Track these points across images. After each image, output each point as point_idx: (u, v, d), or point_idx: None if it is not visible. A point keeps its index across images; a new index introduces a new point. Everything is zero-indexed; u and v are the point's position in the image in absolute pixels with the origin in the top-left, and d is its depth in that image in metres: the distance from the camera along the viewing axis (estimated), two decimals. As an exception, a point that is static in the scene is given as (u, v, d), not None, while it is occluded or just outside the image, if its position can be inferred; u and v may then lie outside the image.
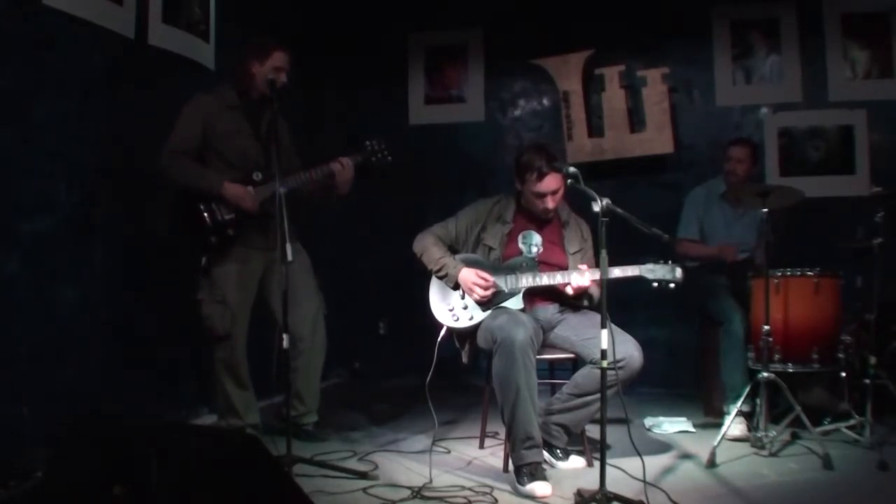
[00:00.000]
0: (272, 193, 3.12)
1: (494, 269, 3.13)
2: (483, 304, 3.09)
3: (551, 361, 3.23)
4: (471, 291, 3.08)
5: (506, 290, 3.10)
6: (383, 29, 5.41)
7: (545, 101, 5.27)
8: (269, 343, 3.37)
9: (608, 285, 2.56)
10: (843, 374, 3.45)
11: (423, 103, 5.42)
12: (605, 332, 2.48)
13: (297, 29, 4.78)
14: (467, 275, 3.09)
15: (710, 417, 3.94)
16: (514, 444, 2.82)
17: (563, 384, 3.07)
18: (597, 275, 2.88)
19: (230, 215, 3.18)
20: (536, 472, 2.76)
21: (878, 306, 3.44)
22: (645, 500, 2.47)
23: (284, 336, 2.92)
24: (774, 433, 3.25)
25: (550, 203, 3.11)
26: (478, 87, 5.34)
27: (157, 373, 3.52)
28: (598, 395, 2.68)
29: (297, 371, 3.37)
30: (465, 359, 3.23)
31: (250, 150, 3.26)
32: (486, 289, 3.05)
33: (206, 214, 3.16)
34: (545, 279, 3.06)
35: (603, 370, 2.51)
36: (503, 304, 3.09)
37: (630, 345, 2.89)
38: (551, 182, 3.06)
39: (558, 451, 3.08)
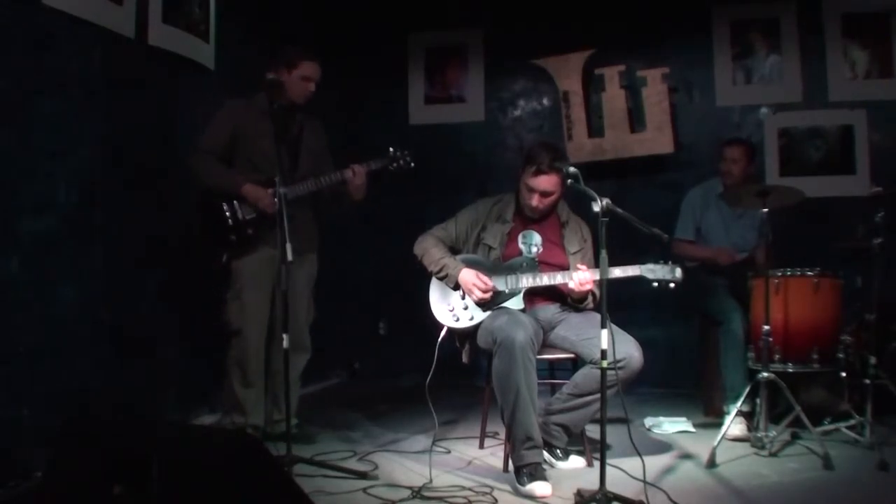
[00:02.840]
0: (294, 196, 3.22)
1: (495, 268, 3.13)
2: (483, 304, 3.09)
3: (551, 361, 3.23)
4: (470, 292, 3.09)
5: (506, 291, 3.10)
6: (383, 29, 5.41)
7: (545, 101, 5.27)
8: (267, 344, 3.39)
9: (608, 285, 2.56)
10: (843, 374, 3.45)
11: (423, 103, 5.43)
12: (605, 332, 2.48)
13: (296, 29, 4.78)
14: (467, 276, 3.09)
15: (710, 417, 3.94)
16: (515, 444, 2.82)
17: (563, 384, 3.07)
18: (597, 275, 2.88)
19: (251, 215, 3.27)
20: (536, 472, 2.76)
21: (878, 306, 3.43)
22: (645, 500, 2.47)
23: (284, 336, 2.92)
24: (774, 433, 3.25)
25: (536, 201, 3.11)
26: (478, 87, 5.34)
27: (157, 373, 3.52)
28: (598, 395, 2.69)
29: (278, 375, 3.38)
30: (465, 359, 3.23)
31: (275, 155, 3.28)
32: (484, 292, 3.06)
33: (227, 213, 3.25)
34: (545, 279, 3.06)
35: (603, 370, 2.51)
36: (503, 305, 3.09)
37: (630, 345, 2.89)
38: (545, 182, 3.06)
39: (558, 451, 3.08)
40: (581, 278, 2.97)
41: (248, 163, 3.33)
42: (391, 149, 3.47)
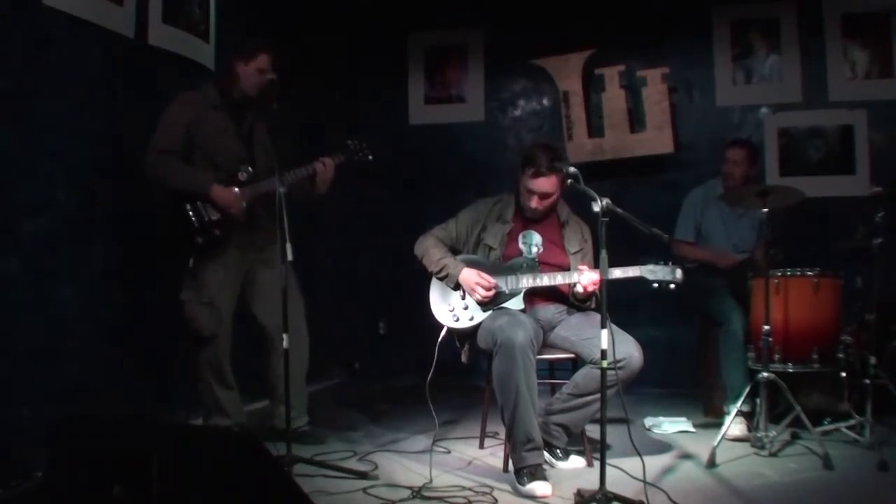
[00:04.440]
0: (259, 193, 3.17)
1: (495, 269, 3.13)
2: (484, 304, 3.09)
3: (551, 361, 3.23)
4: (472, 292, 3.08)
5: (506, 291, 3.10)
6: (383, 29, 5.41)
7: (545, 101, 5.27)
8: (253, 343, 3.37)
9: (608, 285, 2.56)
10: (843, 374, 3.45)
11: (423, 103, 5.43)
12: (605, 332, 2.47)
13: (297, 29, 4.78)
14: (469, 275, 3.09)
15: (710, 417, 3.94)
16: (515, 445, 2.82)
17: (563, 384, 3.07)
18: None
19: (217, 216, 3.16)
20: (536, 472, 2.76)
21: (878, 306, 3.43)
22: (645, 500, 2.47)
23: (284, 336, 2.92)
24: (774, 433, 3.24)
25: (535, 203, 3.11)
26: (478, 87, 5.34)
27: (157, 373, 3.52)
28: (598, 395, 2.69)
29: (280, 375, 3.35)
30: (464, 359, 3.23)
31: (235, 150, 3.26)
32: (488, 289, 3.06)
33: (192, 215, 3.14)
34: (545, 279, 3.06)
35: (603, 370, 2.51)
36: (504, 305, 3.09)
37: (630, 345, 2.89)
38: (544, 184, 3.06)
39: (558, 451, 3.08)
40: (585, 279, 2.97)
41: (206, 159, 3.20)
42: (349, 141, 3.43)
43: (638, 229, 2.71)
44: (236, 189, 3.18)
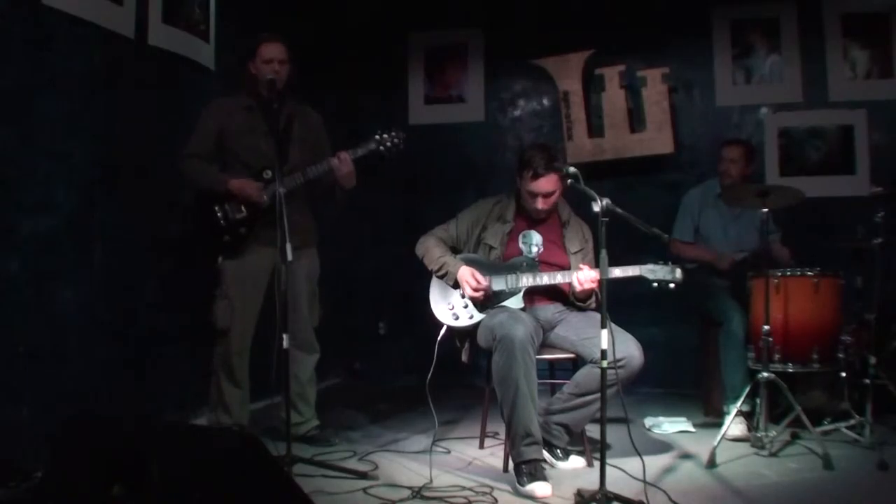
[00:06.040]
0: (284, 191, 3.16)
1: (495, 268, 3.13)
2: (483, 303, 3.09)
3: (551, 361, 3.23)
4: (462, 288, 3.09)
5: (506, 290, 3.10)
6: (383, 29, 5.41)
7: (545, 101, 5.27)
8: (270, 342, 3.37)
9: (608, 285, 2.56)
10: (843, 374, 3.45)
11: (423, 103, 5.42)
12: (605, 332, 2.48)
13: (296, 29, 4.77)
14: (464, 272, 3.10)
15: (710, 417, 3.94)
16: (514, 440, 2.82)
17: (564, 384, 3.07)
18: (597, 274, 2.87)
19: (242, 214, 3.25)
20: (536, 471, 2.76)
21: (878, 306, 3.44)
22: (645, 500, 2.48)
23: (284, 336, 2.92)
24: (774, 433, 3.25)
25: (541, 204, 3.11)
26: (478, 87, 5.34)
27: (157, 373, 3.52)
28: (599, 395, 2.68)
29: (294, 379, 3.36)
30: (464, 358, 3.23)
31: (263, 149, 3.28)
32: (476, 289, 3.06)
33: (220, 215, 3.25)
34: (545, 279, 3.07)
35: (603, 370, 2.51)
36: (503, 304, 3.09)
37: (630, 344, 2.89)
38: (545, 184, 3.06)
39: (558, 450, 3.08)
40: (583, 277, 2.97)
41: (237, 160, 3.29)
42: (378, 131, 3.38)
43: (638, 229, 2.72)
44: (258, 183, 3.23)
